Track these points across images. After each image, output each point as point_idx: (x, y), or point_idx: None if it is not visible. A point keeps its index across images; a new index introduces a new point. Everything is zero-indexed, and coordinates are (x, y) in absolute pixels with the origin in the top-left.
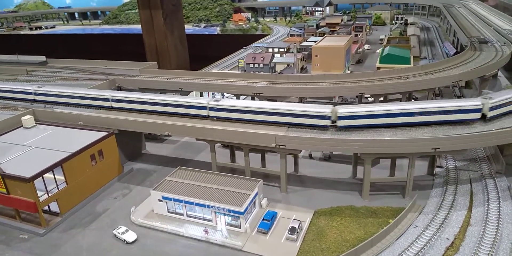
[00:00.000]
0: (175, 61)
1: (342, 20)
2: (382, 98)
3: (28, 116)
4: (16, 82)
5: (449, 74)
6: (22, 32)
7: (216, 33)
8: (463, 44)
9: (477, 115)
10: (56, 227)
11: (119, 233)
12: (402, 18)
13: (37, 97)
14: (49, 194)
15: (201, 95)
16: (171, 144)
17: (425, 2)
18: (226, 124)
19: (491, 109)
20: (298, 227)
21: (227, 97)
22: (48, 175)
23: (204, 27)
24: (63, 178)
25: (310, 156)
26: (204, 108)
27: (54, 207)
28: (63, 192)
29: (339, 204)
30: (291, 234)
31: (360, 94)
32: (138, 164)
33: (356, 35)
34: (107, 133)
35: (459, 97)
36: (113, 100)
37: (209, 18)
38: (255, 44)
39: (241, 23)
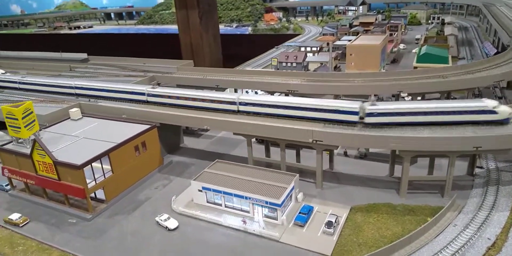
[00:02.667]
0: (209, 59)
1: (376, 19)
2: (419, 97)
3: (75, 109)
4: (60, 77)
5: (490, 74)
6: (62, 32)
7: (247, 32)
8: (505, 44)
9: None
10: (102, 213)
11: (161, 220)
12: (438, 18)
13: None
14: (97, 182)
15: (236, 91)
16: (207, 139)
17: (464, 1)
18: (263, 119)
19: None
20: (335, 221)
21: (260, 95)
22: (95, 164)
23: (236, 27)
24: (109, 167)
25: (345, 154)
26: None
27: (99, 194)
28: (109, 180)
29: (375, 201)
30: (328, 228)
31: (398, 93)
32: (176, 157)
33: (391, 35)
34: (150, 126)
35: (500, 98)
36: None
37: (241, 18)
38: (287, 43)
39: (272, 23)
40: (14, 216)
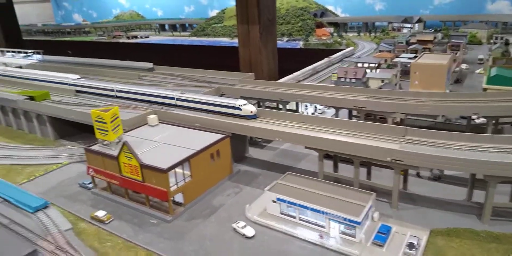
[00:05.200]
0: (267, 73)
1: (435, 38)
2: (494, 121)
3: (153, 115)
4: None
5: None
6: (120, 40)
7: (298, 47)
8: None
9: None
10: (180, 216)
11: (238, 227)
12: (502, 38)
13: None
14: (178, 186)
15: (297, 106)
16: (271, 150)
17: None
18: (338, 135)
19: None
20: (417, 243)
21: (319, 109)
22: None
23: (287, 41)
24: (187, 172)
25: (418, 175)
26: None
27: (177, 197)
28: (188, 185)
29: (455, 226)
30: (409, 250)
31: (470, 115)
32: (243, 166)
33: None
34: (224, 135)
35: None
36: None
37: (291, 33)
38: (343, 57)
39: (324, 38)
40: (100, 213)
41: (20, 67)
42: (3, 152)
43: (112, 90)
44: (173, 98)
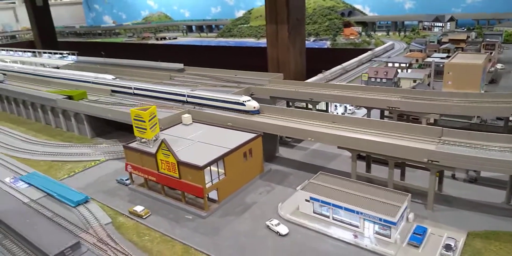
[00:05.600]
0: (294, 73)
1: (468, 37)
2: None
3: (187, 115)
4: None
5: None
6: (149, 42)
7: (325, 46)
8: None
9: None
10: (215, 212)
11: (272, 224)
12: None
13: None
14: (213, 183)
15: (327, 106)
16: (301, 150)
17: None
18: (372, 135)
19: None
20: (454, 245)
21: (349, 109)
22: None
23: (313, 41)
24: (221, 170)
25: (453, 177)
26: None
27: (211, 194)
28: (222, 182)
29: (494, 229)
30: (446, 251)
31: (508, 116)
32: (274, 165)
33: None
34: (256, 134)
35: None
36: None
37: (318, 32)
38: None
39: (352, 37)
40: (138, 208)
41: (57, 68)
42: (44, 149)
43: (130, 88)
44: (184, 95)
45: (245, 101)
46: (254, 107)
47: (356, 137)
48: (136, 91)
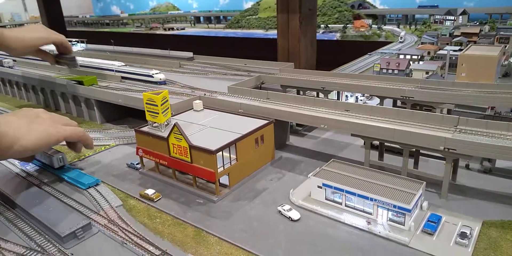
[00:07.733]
0: (304, 63)
1: (481, 30)
2: None
3: (198, 101)
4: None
5: None
6: (157, 32)
7: (335, 38)
8: None
9: None
10: (225, 197)
11: (284, 210)
12: None
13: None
14: (224, 167)
15: (338, 95)
16: (311, 139)
17: None
18: (386, 123)
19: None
20: (469, 233)
21: (361, 100)
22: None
23: (323, 33)
24: (233, 155)
25: (467, 167)
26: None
27: (222, 179)
28: (234, 167)
29: (511, 218)
30: (461, 239)
31: None
32: (284, 153)
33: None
34: (268, 121)
35: None
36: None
37: (328, 24)
38: (380, 50)
39: (363, 30)
40: (150, 191)
41: None
42: None
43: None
44: (113, 70)
45: (153, 74)
46: (160, 79)
47: (370, 124)
48: (81, 63)
